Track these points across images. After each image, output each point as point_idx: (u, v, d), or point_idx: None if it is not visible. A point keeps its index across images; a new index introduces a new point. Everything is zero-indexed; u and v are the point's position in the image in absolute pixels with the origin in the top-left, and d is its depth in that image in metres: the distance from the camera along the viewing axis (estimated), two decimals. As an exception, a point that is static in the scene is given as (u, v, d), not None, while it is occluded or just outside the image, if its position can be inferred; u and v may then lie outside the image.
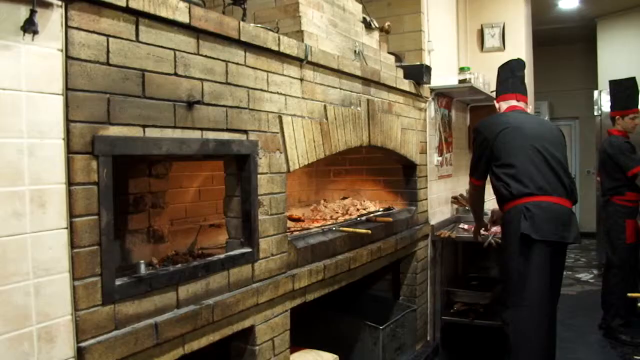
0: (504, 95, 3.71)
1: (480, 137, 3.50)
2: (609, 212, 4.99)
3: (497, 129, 3.40)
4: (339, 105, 2.99)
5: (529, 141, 3.30)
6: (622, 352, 4.61)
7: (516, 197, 3.22)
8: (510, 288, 3.24)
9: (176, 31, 1.94)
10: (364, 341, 3.42)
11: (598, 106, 7.56)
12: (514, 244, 3.19)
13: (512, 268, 3.21)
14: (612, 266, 4.97)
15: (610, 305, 4.97)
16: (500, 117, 3.53)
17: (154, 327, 1.79)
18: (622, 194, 4.83)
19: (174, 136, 1.92)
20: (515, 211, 3.22)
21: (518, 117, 3.47)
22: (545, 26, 8.80)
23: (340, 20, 3.21)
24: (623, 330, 4.88)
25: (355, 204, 3.96)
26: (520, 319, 3.18)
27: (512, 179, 3.26)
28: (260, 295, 2.31)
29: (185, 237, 2.65)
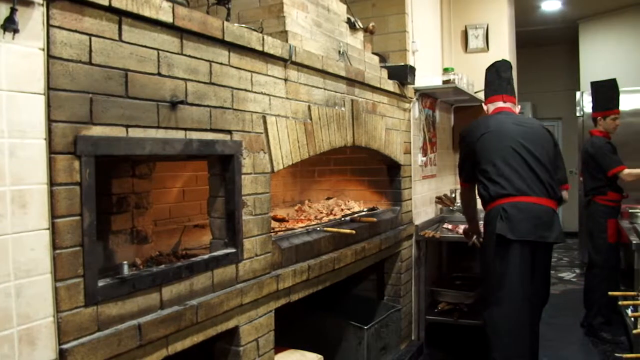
0: (491, 97, 3.73)
1: (464, 142, 3.59)
2: (591, 211, 5.05)
3: (478, 133, 3.44)
4: (323, 106, 3.00)
5: (508, 142, 3.33)
6: (603, 349, 4.67)
7: (494, 199, 3.27)
8: (489, 288, 3.30)
9: (160, 31, 1.93)
10: (349, 341, 3.43)
11: (580, 107, 7.63)
12: (492, 244, 3.23)
13: (491, 268, 3.26)
14: (594, 265, 5.03)
15: (592, 304, 5.03)
16: (483, 121, 3.56)
17: (137, 328, 1.78)
18: (604, 194, 4.88)
19: (157, 136, 1.91)
20: (493, 212, 3.27)
21: (501, 120, 3.49)
22: (529, 28, 8.88)
23: (325, 21, 3.21)
24: (604, 328, 4.94)
25: (339, 204, 3.97)
26: (498, 319, 3.22)
27: (490, 181, 3.31)
28: (244, 295, 2.31)
29: (169, 237, 2.64)
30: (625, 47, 8.15)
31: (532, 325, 3.33)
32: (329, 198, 4.24)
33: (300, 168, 4.36)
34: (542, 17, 8.77)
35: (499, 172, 3.28)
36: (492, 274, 3.25)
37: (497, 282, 3.22)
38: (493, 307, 3.26)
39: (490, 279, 3.28)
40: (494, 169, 3.30)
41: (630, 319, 3.39)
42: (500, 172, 3.28)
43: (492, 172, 3.30)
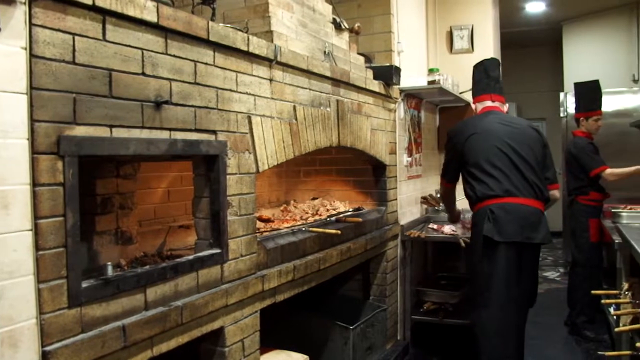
0: (480, 96, 3.73)
1: (451, 143, 3.58)
2: (573, 211, 5.10)
3: (466, 134, 3.45)
4: (308, 106, 3.00)
5: (494, 142, 3.33)
6: (587, 348, 4.72)
7: (481, 200, 3.28)
8: (476, 289, 3.30)
9: (144, 30, 1.92)
10: (335, 341, 3.43)
11: (564, 108, 7.70)
12: (479, 245, 3.24)
13: (478, 269, 3.26)
14: (577, 264, 5.08)
15: (576, 303, 5.08)
16: (471, 122, 3.57)
17: (122, 329, 1.77)
18: (586, 194, 4.93)
19: (141, 136, 1.90)
20: (480, 213, 3.28)
21: (488, 120, 3.48)
22: (513, 29, 8.94)
23: (310, 21, 3.21)
24: (588, 327, 4.99)
25: (325, 204, 3.97)
26: (486, 320, 3.22)
27: (477, 181, 3.32)
28: (229, 296, 2.30)
29: (154, 238, 2.62)
30: (608, 48, 8.24)
31: (519, 326, 3.33)
32: (315, 198, 4.24)
33: (286, 168, 4.36)
34: (526, 19, 8.84)
35: (486, 173, 3.29)
36: (479, 275, 3.25)
37: (484, 283, 3.22)
38: (480, 309, 3.25)
39: (477, 280, 3.29)
40: (481, 169, 3.31)
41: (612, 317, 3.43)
42: (487, 173, 3.28)
43: (479, 173, 3.31)
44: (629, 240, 2.84)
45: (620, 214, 4.09)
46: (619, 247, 3.62)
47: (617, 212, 4.15)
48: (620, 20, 8.14)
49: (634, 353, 2.71)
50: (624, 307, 2.87)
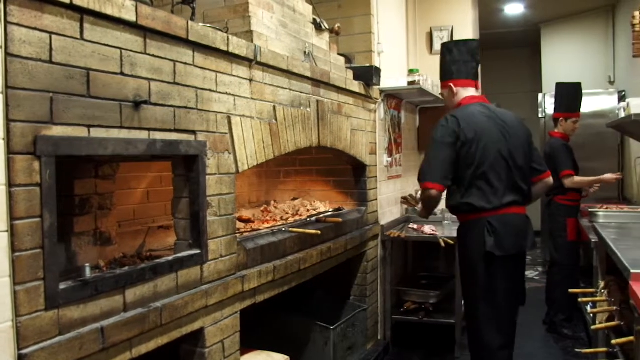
0: (464, 80, 3.23)
1: (453, 135, 3.00)
2: (551, 211, 5.16)
3: (472, 129, 3.01)
4: (288, 106, 2.99)
5: (496, 146, 3.03)
6: (565, 345, 4.77)
7: (480, 211, 3.01)
8: (479, 302, 3.05)
9: (122, 30, 1.91)
10: (315, 341, 3.43)
11: (542, 109, 7.77)
12: (479, 260, 3.00)
13: (479, 283, 3.04)
14: (555, 264, 5.13)
15: (554, 301, 5.13)
16: (473, 115, 3.08)
17: (100, 331, 1.76)
18: (564, 194, 4.99)
19: (120, 136, 1.88)
20: (476, 225, 3.02)
21: (487, 115, 3.11)
22: (493, 30, 9.01)
23: (291, 21, 3.21)
24: (565, 325, 5.05)
25: (305, 204, 3.97)
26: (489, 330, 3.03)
27: (477, 189, 3.01)
28: (209, 297, 2.29)
29: (134, 239, 2.61)
30: (585, 50, 8.34)
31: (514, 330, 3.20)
32: (295, 199, 4.24)
33: (266, 169, 4.35)
34: (505, 20, 8.91)
35: (489, 183, 3.00)
36: (481, 289, 3.04)
37: (484, 298, 3.03)
38: (481, 324, 3.05)
39: (476, 294, 3.06)
40: (484, 178, 3.00)
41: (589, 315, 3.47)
42: (489, 183, 3.00)
43: (481, 182, 3.00)
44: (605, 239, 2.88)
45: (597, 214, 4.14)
46: (596, 246, 3.67)
47: (594, 211, 4.20)
48: (596, 23, 8.25)
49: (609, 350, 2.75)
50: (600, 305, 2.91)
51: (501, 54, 10.58)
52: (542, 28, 8.93)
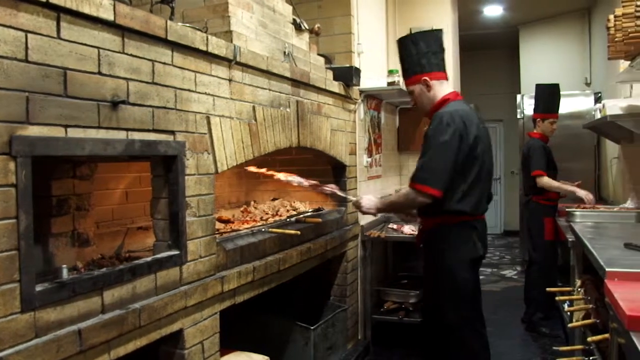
0: (437, 73, 3.06)
1: (459, 138, 2.84)
2: (529, 210, 5.23)
3: (474, 130, 2.89)
4: (268, 106, 2.99)
5: (485, 150, 2.98)
6: (542, 343, 4.83)
7: (471, 214, 2.94)
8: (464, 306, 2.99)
9: (100, 29, 1.89)
10: (296, 342, 3.43)
11: (521, 109, 7.85)
12: (465, 263, 2.95)
13: (463, 286, 2.96)
14: (533, 263, 5.19)
15: (532, 300, 5.19)
16: (470, 114, 2.95)
17: (78, 333, 1.74)
18: (542, 194, 5.05)
19: (98, 137, 1.87)
20: (465, 228, 2.96)
21: (476, 118, 2.98)
22: (472, 32, 9.09)
23: (270, 22, 3.21)
24: (543, 323, 5.11)
25: (285, 205, 3.97)
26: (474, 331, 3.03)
27: (467, 194, 2.91)
28: (188, 298, 2.28)
29: (112, 240, 2.58)
30: (562, 52, 8.44)
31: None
32: (275, 199, 4.24)
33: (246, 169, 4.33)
34: (484, 22, 8.99)
35: (476, 186, 2.93)
36: (466, 291, 2.98)
37: (470, 299, 3.01)
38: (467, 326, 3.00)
39: (463, 295, 2.97)
40: (477, 181, 2.92)
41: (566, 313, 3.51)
42: (477, 186, 2.93)
43: (473, 184, 2.91)
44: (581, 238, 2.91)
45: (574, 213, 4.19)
46: (573, 245, 3.72)
47: (571, 211, 4.25)
48: (573, 26, 8.36)
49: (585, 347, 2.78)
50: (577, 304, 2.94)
51: (480, 55, 10.67)
52: (521, 30, 9.03)
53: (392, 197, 3.38)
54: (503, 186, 11.26)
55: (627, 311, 1.56)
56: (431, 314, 3.19)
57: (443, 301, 3.01)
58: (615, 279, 2.00)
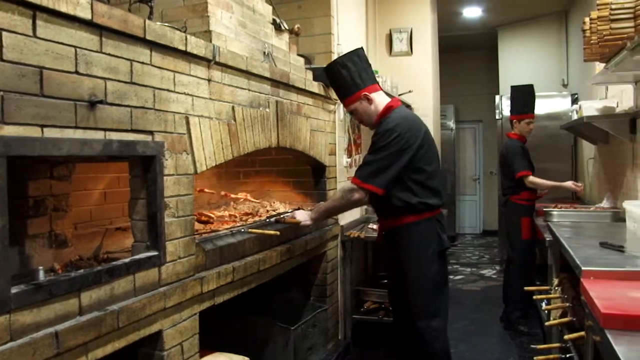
0: (372, 86, 3.15)
1: (401, 141, 2.94)
2: (507, 210, 5.28)
3: (419, 133, 3.01)
4: (247, 107, 2.98)
5: (434, 147, 3.17)
6: (521, 342, 4.89)
7: (431, 209, 3.03)
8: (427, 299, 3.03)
9: (77, 27, 1.87)
10: (276, 342, 3.43)
11: (499, 110, 7.93)
12: (432, 257, 3.02)
13: (430, 280, 3.02)
14: (512, 262, 5.24)
15: (510, 299, 5.24)
16: (414, 118, 3.12)
17: (55, 336, 1.72)
18: (518, 194, 5.11)
19: (75, 137, 1.85)
20: (427, 224, 3.03)
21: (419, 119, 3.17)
22: (451, 33, 9.16)
23: (250, 22, 3.20)
24: (522, 321, 5.16)
25: (265, 205, 3.96)
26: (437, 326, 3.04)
27: (429, 189, 3.02)
28: (167, 299, 2.27)
29: (91, 241, 2.56)
30: (539, 54, 8.54)
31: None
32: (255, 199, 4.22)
33: (225, 169, 4.32)
34: (463, 23, 9.06)
35: (436, 181, 3.06)
36: (430, 286, 3.02)
37: (436, 292, 3.05)
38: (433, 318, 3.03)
39: (428, 290, 3.02)
40: (433, 176, 3.05)
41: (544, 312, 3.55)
42: (436, 181, 3.06)
43: (431, 179, 3.03)
44: (558, 237, 2.95)
45: (552, 213, 4.25)
46: (550, 244, 3.76)
47: (548, 210, 4.31)
48: (550, 28, 8.46)
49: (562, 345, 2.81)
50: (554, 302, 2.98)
51: (459, 56, 10.75)
52: (499, 31, 9.12)
53: (327, 202, 3.40)
54: (482, 186, 11.36)
55: (602, 309, 1.58)
56: (397, 309, 3.27)
57: (411, 295, 3.06)
58: (591, 277, 2.03)
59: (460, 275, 7.72)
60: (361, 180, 2.99)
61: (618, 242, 2.51)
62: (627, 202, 3.21)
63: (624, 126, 4.07)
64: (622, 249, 2.41)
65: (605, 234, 3.04)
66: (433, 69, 6.43)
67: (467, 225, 11.46)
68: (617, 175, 4.68)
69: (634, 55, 2.83)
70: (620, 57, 3.08)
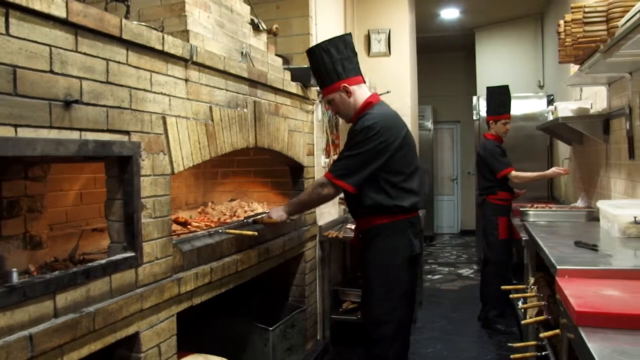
0: (355, 77, 3.07)
1: (380, 139, 2.89)
2: (484, 210, 5.33)
3: (397, 132, 2.96)
4: (225, 107, 2.97)
5: (413, 148, 3.10)
6: (498, 340, 4.93)
7: (405, 212, 2.97)
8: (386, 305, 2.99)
9: (52, 26, 1.85)
10: (255, 343, 3.42)
11: (477, 111, 8.00)
12: (401, 261, 2.97)
13: (396, 284, 2.98)
14: (489, 261, 5.29)
15: (488, 298, 5.29)
16: (394, 117, 3.06)
17: (29, 339, 1.70)
18: (495, 194, 5.16)
19: (49, 137, 1.83)
20: (399, 226, 2.97)
21: (398, 117, 3.11)
22: (429, 34, 9.22)
23: (228, 21, 3.19)
24: (499, 320, 5.21)
25: (243, 205, 3.95)
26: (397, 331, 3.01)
27: (404, 191, 2.96)
28: (144, 300, 2.25)
29: (67, 242, 2.53)
30: (516, 55, 8.63)
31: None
32: (233, 200, 4.21)
33: (203, 169, 4.30)
34: (441, 25, 9.12)
35: (415, 183, 3.01)
36: (397, 290, 2.98)
37: (401, 297, 3.00)
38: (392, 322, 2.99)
39: (392, 294, 2.97)
40: (410, 177, 2.99)
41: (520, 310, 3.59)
42: (416, 183, 3.01)
43: (407, 181, 2.97)
44: (534, 237, 2.98)
45: (528, 213, 4.29)
46: (526, 244, 3.80)
47: (524, 210, 4.35)
48: (527, 29, 8.56)
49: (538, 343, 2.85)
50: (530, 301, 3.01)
51: (437, 57, 10.83)
52: (477, 33, 9.20)
53: (299, 195, 3.35)
54: (460, 186, 11.45)
55: (576, 307, 1.60)
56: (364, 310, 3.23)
57: (375, 298, 3.02)
58: (565, 276, 2.06)
59: (438, 274, 7.77)
60: (333, 176, 2.96)
61: (592, 241, 2.55)
62: (600, 201, 3.26)
63: (597, 127, 4.13)
64: (595, 247, 2.45)
65: (579, 233, 3.08)
66: (411, 70, 6.46)
67: (445, 225, 11.55)
68: (591, 175, 4.75)
69: (607, 57, 2.87)
70: (594, 59, 3.13)
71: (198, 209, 3.92)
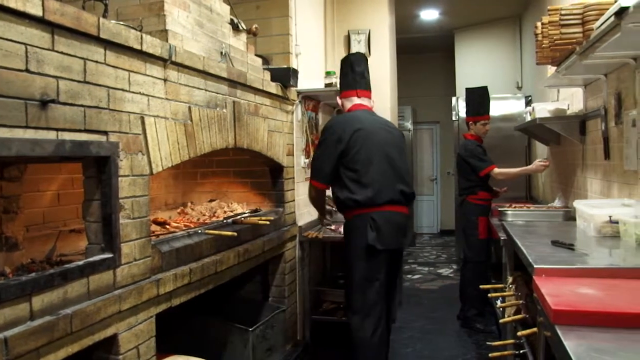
0: (346, 92, 3.67)
1: (334, 136, 3.38)
2: (464, 210, 5.36)
3: (351, 129, 3.35)
4: (204, 107, 2.96)
5: (380, 147, 3.35)
6: (477, 339, 4.97)
7: (363, 206, 3.27)
8: (356, 294, 3.34)
9: (28, 24, 1.83)
10: (234, 344, 3.41)
11: (456, 112, 8.04)
12: (360, 253, 3.29)
13: (358, 276, 3.31)
14: (468, 261, 5.33)
15: (467, 297, 5.33)
16: (354, 117, 3.49)
17: (3, 342, 1.67)
18: (475, 194, 5.19)
19: (25, 137, 1.80)
20: (360, 220, 3.29)
21: (369, 119, 3.48)
22: (409, 35, 9.25)
23: (207, 21, 3.18)
24: (478, 319, 5.25)
25: (222, 206, 3.94)
26: (363, 323, 3.30)
27: (360, 185, 3.29)
28: (123, 302, 2.23)
29: (43, 243, 2.50)
30: (495, 56, 8.70)
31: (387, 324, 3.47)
32: (212, 200, 4.19)
33: (183, 170, 4.28)
34: (421, 26, 9.17)
35: (371, 178, 3.28)
36: (359, 281, 3.31)
37: (363, 289, 3.30)
38: (359, 314, 3.33)
39: (356, 286, 3.33)
40: (367, 174, 3.29)
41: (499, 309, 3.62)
42: (371, 178, 3.28)
43: (363, 177, 3.29)
44: (512, 236, 3.01)
45: (506, 212, 4.33)
46: (504, 243, 3.83)
47: (503, 210, 4.39)
48: (505, 31, 8.63)
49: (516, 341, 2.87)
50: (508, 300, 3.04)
51: (417, 58, 10.88)
52: (456, 34, 9.26)
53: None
54: (439, 186, 11.52)
55: (553, 305, 1.62)
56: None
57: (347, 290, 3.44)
58: (542, 275, 2.08)
59: (418, 274, 7.81)
60: (310, 177, 3.54)
61: (569, 241, 2.57)
62: (577, 201, 3.30)
63: (574, 128, 4.18)
64: (572, 247, 2.48)
65: (557, 232, 3.12)
66: (391, 71, 6.49)
67: (424, 225, 11.60)
68: (568, 175, 4.81)
69: (583, 59, 2.91)
70: (570, 61, 3.17)
71: (177, 209, 3.89)
